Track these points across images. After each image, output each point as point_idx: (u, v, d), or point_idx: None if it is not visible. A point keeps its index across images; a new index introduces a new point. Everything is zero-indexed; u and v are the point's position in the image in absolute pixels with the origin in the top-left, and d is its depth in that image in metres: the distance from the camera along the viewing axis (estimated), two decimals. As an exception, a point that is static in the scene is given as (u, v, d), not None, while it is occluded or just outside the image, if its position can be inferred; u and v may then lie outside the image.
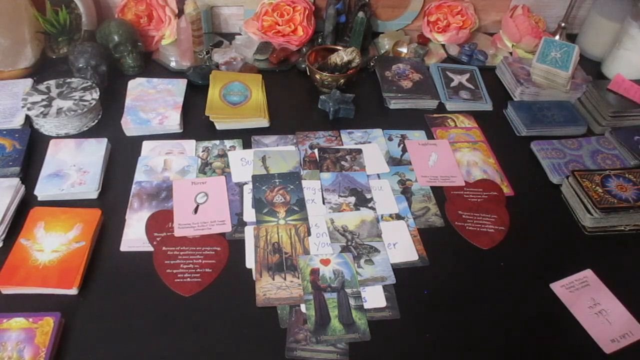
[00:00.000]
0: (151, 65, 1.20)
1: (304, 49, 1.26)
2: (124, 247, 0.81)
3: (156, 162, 0.95)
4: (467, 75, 1.24)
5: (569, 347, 0.74)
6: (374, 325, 0.73)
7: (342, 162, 0.97)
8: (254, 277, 0.78)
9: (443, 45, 1.36)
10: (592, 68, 1.31)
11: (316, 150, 1.00)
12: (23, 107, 0.97)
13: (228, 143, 1.00)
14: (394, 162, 1.00)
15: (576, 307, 0.77)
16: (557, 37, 1.33)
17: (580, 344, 0.74)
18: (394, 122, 1.10)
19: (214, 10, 1.30)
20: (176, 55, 1.20)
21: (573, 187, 0.93)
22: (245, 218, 0.86)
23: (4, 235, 0.79)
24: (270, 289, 0.76)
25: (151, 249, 0.80)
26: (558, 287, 0.79)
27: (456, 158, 1.02)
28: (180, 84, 1.10)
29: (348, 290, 0.76)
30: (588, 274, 0.81)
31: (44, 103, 0.98)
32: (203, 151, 0.98)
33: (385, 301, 0.76)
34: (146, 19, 1.21)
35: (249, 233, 0.84)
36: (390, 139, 1.05)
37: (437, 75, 1.22)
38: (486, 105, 1.17)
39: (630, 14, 1.21)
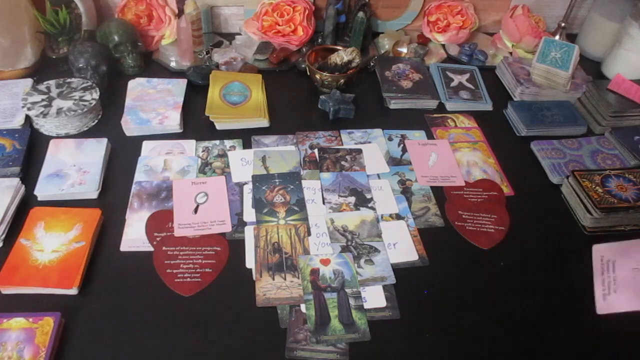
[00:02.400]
0: (151, 65, 1.20)
1: (304, 49, 1.26)
2: (124, 247, 0.80)
3: (156, 162, 0.95)
4: (467, 75, 1.24)
5: (569, 347, 0.74)
6: (374, 325, 0.73)
7: (342, 162, 0.97)
8: (254, 277, 0.78)
9: (443, 45, 1.36)
10: (592, 68, 1.31)
11: (316, 150, 1.00)
12: (23, 107, 0.97)
13: (228, 143, 1.00)
14: (394, 162, 1.00)
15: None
16: (557, 37, 1.33)
17: (585, 342, 0.74)
18: (394, 122, 1.10)
19: (214, 10, 1.30)
20: (176, 55, 1.20)
21: (573, 187, 0.93)
22: (245, 218, 0.86)
23: (4, 235, 0.79)
24: (270, 289, 0.76)
25: (151, 249, 0.80)
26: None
27: (456, 158, 1.02)
28: (180, 84, 1.10)
29: (348, 290, 0.76)
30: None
31: (44, 103, 0.98)
32: (203, 151, 0.98)
33: (385, 301, 0.76)
34: (146, 19, 1.21)
35: (249, 233, 0.84)
36: (390, 139, 1.05)
37: (437, 75, 1.22)
38: (486, 105, 1.17)
39: (630, 14, 1.21)
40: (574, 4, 1.31)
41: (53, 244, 0.77)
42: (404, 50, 1.31)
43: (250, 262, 0.80)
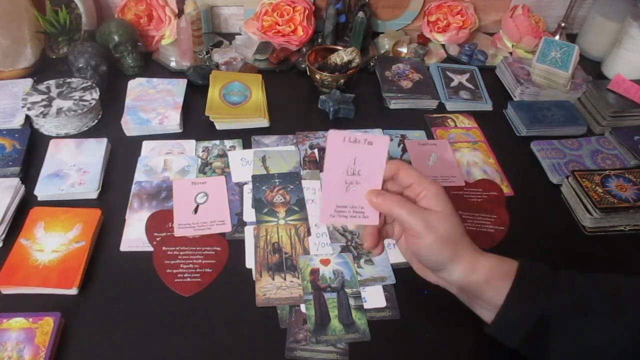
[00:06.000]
0: (151, 65, 1.20)
1: (304, 49, 1.26)
2: (124, 247, 0.80)
3: (156, 162, 0.95)
4: (467, 75, 1.24)
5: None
6: (374, 325, 0.73)
7: (342, 162, 0.97)
8: (254, 277, 0.78)
9: (443, 45, 1.36)
10: (592, 68, 1.31)
11: (316, 150, 1.00)
12: (23, 107, 0.97)
13: (228, 143, 1.00)
14: (394, 162, 1.00)
15: None
16: (557, 37, 1.33)
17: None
18: (394, 122, 1.10)
19: (214, 10, 1.30)
20: (176, 55, 1.20)
21: (573, 187, 0.93)
22: (245, 218, 0.86)
23: (4, 235, 0.79)
24: (270, 289, 0.76)
25: (151, 249, 0.80)
26: None
27: (456, 158, 1.02)
28: (180, 84, 1.10)
29: (348, 290, 0.76)
30: None
31: (44, 103, 0.98)
32: (203, 151, 0.98)
33: (385, 301, 0.76)
34: (146, 19, 1.21)
35: (248, 233, 0.84)
36: (390, 139, 1.05)
37: (437, 75, 1.22)
38: (486, 105, 1.17)
39: (630, 14, 1.21)
40: (574, 4, 1.31)
41: (53, 244, 0.77)
42: (404, 50, 1.31)
43: (250, 262, 0.80)
